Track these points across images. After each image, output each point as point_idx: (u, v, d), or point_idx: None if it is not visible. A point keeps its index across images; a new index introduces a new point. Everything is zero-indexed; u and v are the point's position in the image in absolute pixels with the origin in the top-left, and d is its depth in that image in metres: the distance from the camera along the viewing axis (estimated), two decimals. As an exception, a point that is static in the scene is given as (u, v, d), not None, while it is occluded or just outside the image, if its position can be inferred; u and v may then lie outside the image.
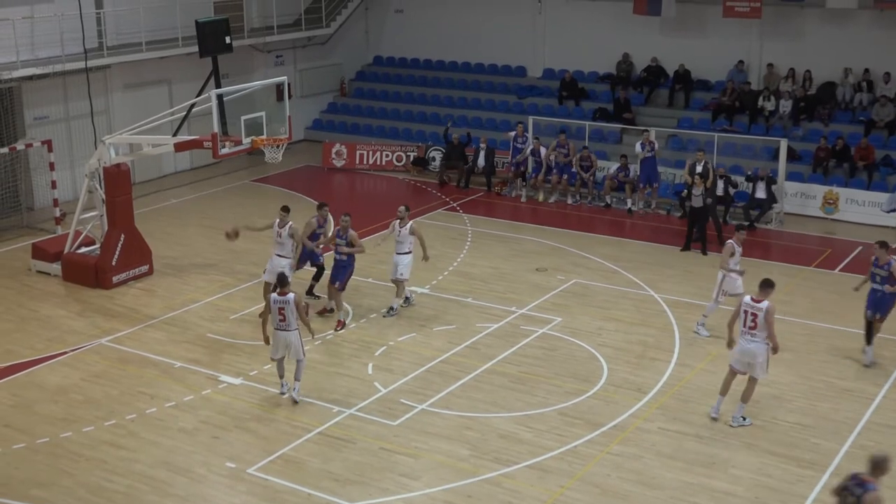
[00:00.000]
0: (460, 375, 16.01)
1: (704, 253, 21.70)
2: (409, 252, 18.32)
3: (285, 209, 18.21)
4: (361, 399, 15.22)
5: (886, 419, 14.68)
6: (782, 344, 17.00)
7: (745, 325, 14.20)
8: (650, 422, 14.56)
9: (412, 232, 18.34)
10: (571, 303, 19.06)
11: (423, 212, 25.26)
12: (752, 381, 14.39)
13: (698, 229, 21.98)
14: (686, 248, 22.17)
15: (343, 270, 17.81)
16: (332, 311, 18.09)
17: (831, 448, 13.84)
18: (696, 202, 21.84)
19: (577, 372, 16.19)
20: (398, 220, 18.35)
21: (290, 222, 17.95)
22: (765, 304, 14.06)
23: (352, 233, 17.77)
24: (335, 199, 26.43)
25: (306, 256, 18.64)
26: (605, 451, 13.74)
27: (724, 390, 14.57)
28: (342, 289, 17.85)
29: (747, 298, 14.30)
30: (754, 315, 14.07)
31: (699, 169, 22.53)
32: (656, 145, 25.05)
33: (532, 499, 12.62)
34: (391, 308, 18.42)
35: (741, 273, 17.34)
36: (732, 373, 14.46)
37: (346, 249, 17.66)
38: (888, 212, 22.76)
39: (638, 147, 25.12)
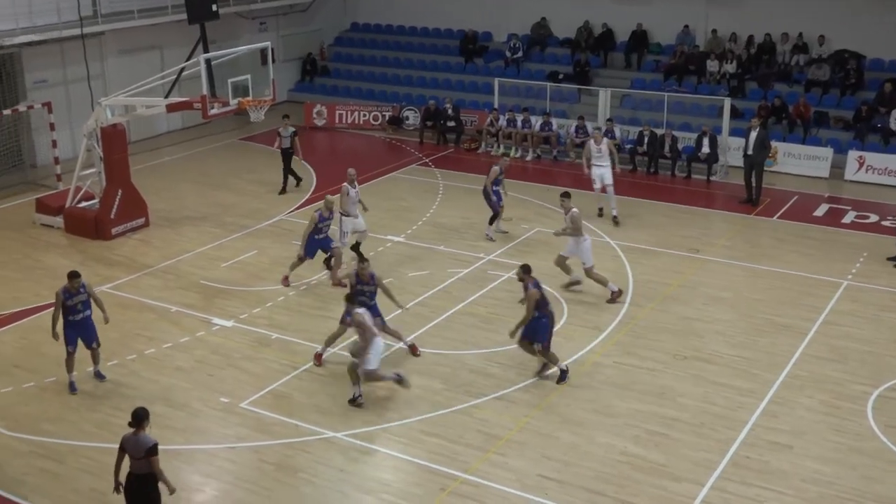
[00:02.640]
0: (433, 316, 16.06)
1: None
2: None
3: None
4: (343, 339, 15.17)
5: (817, 351, 14.89)
6: (726, 285, 17.31)
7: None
8: (606, 356, 14.70)
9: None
10: (535, 249, 19.12)
11: (399, 167, 25.16)
12: None
13: None
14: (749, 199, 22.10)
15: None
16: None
17: (769, 378, 14.05)
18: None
19: (540, 312, 16.26)
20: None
21: None
22: None
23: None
24: (318, 155, 26.34)
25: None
26: (566, 384, 13.87)
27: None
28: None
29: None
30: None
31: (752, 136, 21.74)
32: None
33: (500, 427, 12.74)
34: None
35: None
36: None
37: None
38: None
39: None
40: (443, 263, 18.35)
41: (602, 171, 20.57)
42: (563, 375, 13.91)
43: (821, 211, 21.80)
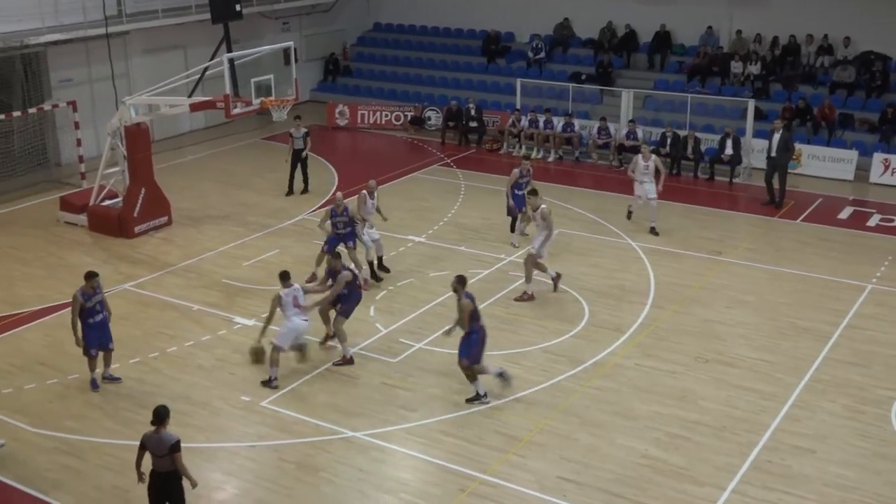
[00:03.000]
0: (454, 317, 16.03)
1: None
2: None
3: None
4: (364, 338, 15.28)
5: (841, 355, 14.78)
6: (748, 288, 17.20)
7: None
8: (627, 359, 14.66)
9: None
10: (556, 250, 19.01)
11: (420, 167, 25.19)
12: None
13: None
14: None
15: None
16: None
17: (792, 382, 13.96)
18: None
19: (561, 314, 16.25)
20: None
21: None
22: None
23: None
24: (340, 155, 26.45)
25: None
26: (586, 386, 13.84)
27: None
28: None
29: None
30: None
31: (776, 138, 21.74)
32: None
33: (519, 428, 12.73)
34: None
35: None
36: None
37: None
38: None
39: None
40: (464, 264, 18.35)
41: (647, 187, 19.92)
42: (480, 397, 13.29)
43: (845, 214, 21.64)
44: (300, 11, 32.09)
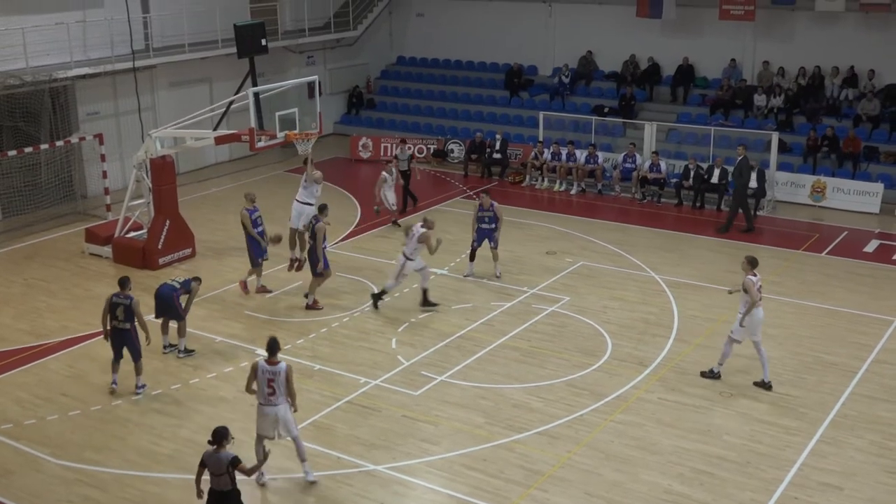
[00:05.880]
0: (476, 350, 16.03)
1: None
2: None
3: None
4: (386, 371, 15.28)
5: (868, 390, 14.61)
6: (774, 322, 17.05)
7: (264, 391, 11.88)
8: (651, 393, 14.56)
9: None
10: (579, 283, 19.05)
11: (442, 200, 25.25)
12: (295, 441, 12.18)
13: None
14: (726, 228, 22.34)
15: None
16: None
17: (817, 417, 13.80)
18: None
19: (584, 347, 16.18)
20: None
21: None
22: (281, 365, 11.81)
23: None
24: (362, 187, 26.53)
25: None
26: (609, 420, 13.75)
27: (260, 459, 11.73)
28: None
29: (261, 362, 11.89)
30: (270, 380, 11.78)
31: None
32: (495, 205, 19.18)
33: (542, 463, 12.65)
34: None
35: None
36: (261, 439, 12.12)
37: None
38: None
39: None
40: (486, 296, 18.34)
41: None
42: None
43: (871, 247, 21.47)
44: (325, 46, 32.43)
